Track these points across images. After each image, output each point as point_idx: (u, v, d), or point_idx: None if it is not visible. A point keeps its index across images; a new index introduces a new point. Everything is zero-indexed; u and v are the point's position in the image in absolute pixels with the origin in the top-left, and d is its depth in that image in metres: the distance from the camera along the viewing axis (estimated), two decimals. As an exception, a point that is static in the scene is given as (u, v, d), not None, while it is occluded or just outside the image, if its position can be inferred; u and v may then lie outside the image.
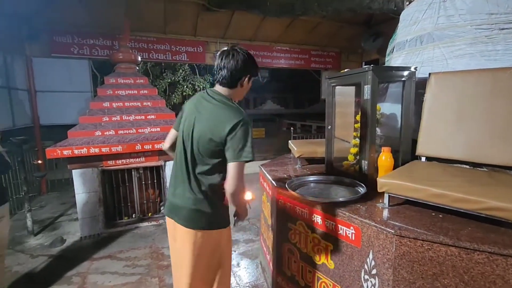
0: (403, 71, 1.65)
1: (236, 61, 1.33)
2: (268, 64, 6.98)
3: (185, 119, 1.42)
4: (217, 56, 1.38)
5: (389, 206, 1.37)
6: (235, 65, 1.33)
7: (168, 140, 1.55)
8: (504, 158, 1.39)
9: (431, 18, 1.71)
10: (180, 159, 1.40)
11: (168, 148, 1.57)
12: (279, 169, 2.28)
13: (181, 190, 1.39)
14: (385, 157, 1.60)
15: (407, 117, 1.71)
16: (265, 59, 6.89)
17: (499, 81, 1.44)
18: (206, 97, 1.40)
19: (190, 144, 1.36)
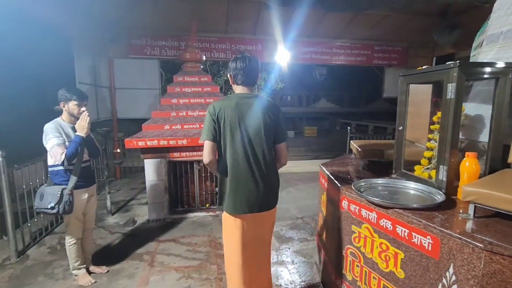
0: (497, 67, 1.45)
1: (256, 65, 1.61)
2: (327, 61, 6.79)
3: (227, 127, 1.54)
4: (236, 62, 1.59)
5: (474, 218, 1.24)
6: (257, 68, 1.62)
7: (211, 153, 1.57)
8: None
9: (536, 5, 1.47)
10: (243, 157, 1.55)
11: (213, 160, 1.59)
12: (341, 169, 2.21)
13: (260, 181, 1.58)
14: (469, 163, 1.44)
15: (498, 119, 1.51)
16: (323, 56, 6.72)
17: None
18: (240, 100, 1.57)
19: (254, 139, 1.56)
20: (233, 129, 1.53)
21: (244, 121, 1.54)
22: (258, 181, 1.57)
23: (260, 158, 1.57)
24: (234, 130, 1.53)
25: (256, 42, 6.38)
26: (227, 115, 1.53)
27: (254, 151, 1.56)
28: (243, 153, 1.54)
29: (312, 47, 6.58)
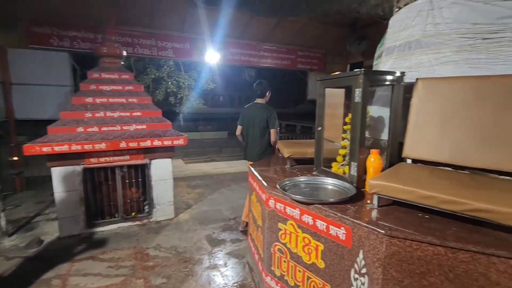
0: (392, 75, 1.70)
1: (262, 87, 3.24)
2: (255, 63, 6.97)
3: (247, 118, 3.24)
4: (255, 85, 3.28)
5: (378, 207, 1.41)
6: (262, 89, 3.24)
7: (239, 130, 3.36)
8: (485, 162, 1.46)
9: (419, 25, 1.77)
10: (252, 134, 3.21)
11: (239, 134, 3.39)
12: (268, 169, 2.29)
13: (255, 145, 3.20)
14: (374, 159, 1.64)
15: (395, 120, 1.76)
16: (252, 58, 6.88)
17: (482, 88, 1.51)
18: (252, 106, 3.26)
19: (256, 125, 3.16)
20: (247, 120, 3.23)
21: (251, 117, 3.19)
22: (253, 145, 3.21)
23: (257, 135, 3.18)
24: (247, 121, 3.23)
25: (184, 40, 6.15)
26: (246, 113, 3.26)
27: (254, 131, 3.19)
28: (251, 132, 3.22)
29: (241, 49, 6.67)
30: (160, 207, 3.68)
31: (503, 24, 1.54)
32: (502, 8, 1.53)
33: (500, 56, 1.56)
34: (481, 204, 1.08)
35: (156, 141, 3.41)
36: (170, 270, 2.58)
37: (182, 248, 2.99)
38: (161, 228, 3.47)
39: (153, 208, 3.64)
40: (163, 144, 3.44)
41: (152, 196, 3.62)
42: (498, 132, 1.44)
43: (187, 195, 4.82)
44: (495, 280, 1.02)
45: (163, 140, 3.44)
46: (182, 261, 2.73)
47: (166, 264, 2.68)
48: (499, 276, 1.01)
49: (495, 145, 1.44)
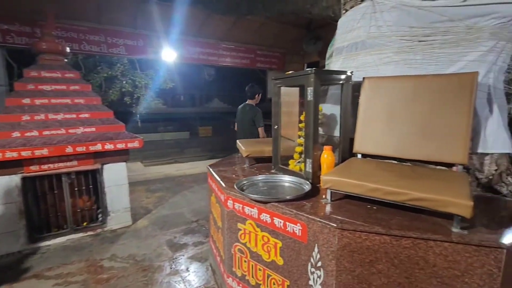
0: (341, 75, 1.78)
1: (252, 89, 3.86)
2: (214, 62, 6.87)
3: (238, 116, 3.91)
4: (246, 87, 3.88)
5: (331, 201, 1.47)
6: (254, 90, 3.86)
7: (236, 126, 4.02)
8: (423, 154, 1.59)
9: (364, 27, 1.88)
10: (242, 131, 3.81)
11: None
12: (227, 169, 2.26)
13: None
14: (327, 155, 1.70)
15: (345, 118, 1.85)
16: (211, 57, 6.77)
17: (419, 87, 1.65)
18: (244, 106, 3.89)
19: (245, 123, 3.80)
20: (239, 119, 3.91)
21: (241, 116, 3.87)
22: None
23: (246, 132, 3.77)
24: (239, 119, 3.91)
25: (137, 37, 5.83)
26: (238, 113, 3.94)
27: (244, 129, 3.82)
28: (240, 129, 3.87)
29: (199, 47, 6.53)
30: (116, 214, 3.45)
31: (434, 28, 1.70)
32: (433, 14, 1.67)
33: (433, 57, 1.72)
34: (420, 194, 1.17)
35: (107, 145, 3.19)
36: (127, 281, 2.43)
37: (140, 256, 2.84)
38: (117, 236, 3.26)
39: (107, 216, 3.41)
40: (115, 148, 3.23)
41: (105, 204, 3.39)
42: (433, 127, 1.58)
43: (146, 199, 4.60)
44: (432, 262, 1.12)
45: (115, 143, 3.23)
46: (140, 270, 2.60)
47: (123, 274, 2.52)
48: (435, 258, 1.11)
49: (431, 139, 1.58)
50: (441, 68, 1.71)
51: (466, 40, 1.66)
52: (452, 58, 1.69)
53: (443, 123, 1.56)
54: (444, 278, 1.11)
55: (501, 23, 1.59)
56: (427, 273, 1.13)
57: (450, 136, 1.53)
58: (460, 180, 1.31)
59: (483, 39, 1.63)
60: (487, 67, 1.65)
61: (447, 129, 1.54)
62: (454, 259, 1.09)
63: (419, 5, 1.68)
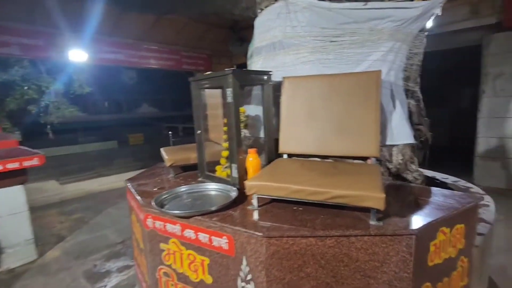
0: (261, 75, 1.73)
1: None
2: (135, 63, 6.34)
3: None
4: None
5: (258, 207, 1.40)
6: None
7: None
8: (342, 150, 1.66)
9: (280, 27, 1.88)
10: None
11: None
12: (149, 182, 2.02)
13: None
14: (252, 159, 1.64)
15: (268, 118, 1.81)
16: (131, 58, 6.22)
17: (333, 85, 1.71)
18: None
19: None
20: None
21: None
22: None
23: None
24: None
25: (35, 34, 4.97)
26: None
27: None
28: None
29: (116, 47, 5.92)
30: (13, 250, 2.83)
31: (343, 29, 1.78)
32: (341, 15, 1.76)
33: (344, 57, 1.81)
34: (339, 191, 1.18)
35: (-8, 166, 2.58)
36: (28, 332, 1.98)
37: (48, 297, 2.36)
38: (17, 277, 2.67)
39: (2, 253, 2.76)
40: (5, 168, 2.63)
41: (-3, 239, 2.74)
42: (348, 123, 1.66)
43: (59, 225, 3.94)
44: (355, 257, 1.13)
45: (5, 163, 2.63)
46: (48, 314, 2.16)
47: (23, 325, 2.05)
48: (357, 253, 1.13)
49: (347, 135, 1.65)
50: (351, 67, 1.81)
51: (369, 41, 1.79)
52: (359, 57, 1.81)
53: (356, 119, 1.64)
54: (366, 271, 1.13)
55: (396, 25, 1.76)
56: (351, 269, 1.14)
57: (363, 131, 1.62)
58: (373, 172, 1.38)
59: (383, 40, 1.78)
60: (388, 66, 1.81)
61: (359, 125, 1.63)
62: (373, 251, 1.12)
63: (328, 6, 1.75)
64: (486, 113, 4.49)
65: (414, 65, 1.94)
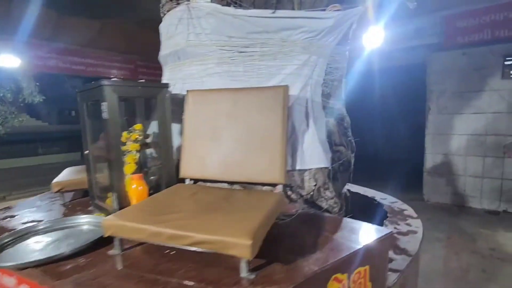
0: (152, 87, 1.49)
1: None
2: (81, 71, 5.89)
3: None
4: None
5: (122, 252, 1.12)
6: None
7: None
8: (247, 175, 1.43)
9: (183, 33, 1.66)
10: None
11: None
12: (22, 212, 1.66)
13: None
14: (136, 186, 1.36)
15: (164, 137, 1.56)
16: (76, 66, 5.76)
17: (238, 101, 1.50)
18: None
19: None
20: None
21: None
22: None
23: None
24: None
25: (-46, 36, 4.42)
26: None
27: None
28: None
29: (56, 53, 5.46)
30: None
31: (253, 39, 1.60)
32: (249, 24, 1.57)
33: (254, 69, 1.62)
34: (201, 235, 0.93)
35: None
36: None
37: None
38: None
39: None
40: None
41: None
42: (254, 145, 1.44)
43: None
44: (216, 322, 0.88)
45: None
46: None
47: None
48: (219, 317, 0.88)
49: (253, 158, 1.43)
50: (263, 81, 1.62)
51: (282, 53, 1.62)
52: (271, 70, 1.62)
53: (261, 140, 1.44)
54: None
55: (309, 37, 1.60)
56: (212, 339, 0.88)
57: (268, 155, 1.41)
58: (262, 207, 1.15)
59: (297, 53, 1.62)
60: (304, 81, 1.64)
61: (264, 147, 1.42)
62: (240, 313, 0.88)
63: (234, 13, 1.56)
64: (432, 130, 4.57)
65: (336, 81, 1.80)
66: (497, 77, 4.04)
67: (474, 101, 4.21)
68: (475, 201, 4.31)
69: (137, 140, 1.57)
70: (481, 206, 4.26)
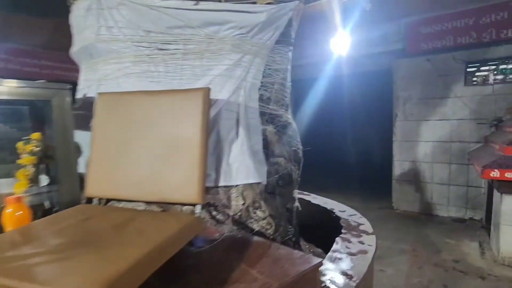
0: (45, 88, 1.23)
1: None
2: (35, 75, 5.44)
3: None
4: None
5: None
6: None
7: None
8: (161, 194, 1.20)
9: (92, 27, 1.42)
10: None
11: None
12: None
13: None
14: (12, 210, 1.10)
15: (65, 148, 1.30)
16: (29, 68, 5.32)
17: (154, 105, 1.27)
18: None
19: None
20: None
21: None
22: None
23: None
24: None
25: None
26: None
27: None
28: None
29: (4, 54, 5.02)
30: None
31: (175, 34, 1.39)
32: (169, 17, 1.36)
33: (176, 70, 1.40)
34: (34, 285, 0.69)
35: None
36: None
37: None
38: None
39: None
40: None
41: None
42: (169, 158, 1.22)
43: None
44: None
45: None
46: None
47: None
48: None
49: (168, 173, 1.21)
50: (188, 83, 1.40)
51: (209, 52, 1.41)
52: (196, 71, 1.41)
53: (176, 153, 1.21)
54: None
55: (240, 34, 1.41)
56: None
57: (184, 169, 1.19)
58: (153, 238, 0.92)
59: (226, 51, 1.41)
60: (236, 84, 1.43)
61: (180, 161, 1.20)
62: None
63: (151, 4, 1.34)
64: (399, 137, 4.52)
65: (276, 84, 1.61)
66: (460, 84, 4.04)
67: (439, 107, 4.19)
68: (442, 209, 4.26)
69: (33, 152, 1.31)
70: (448, 214, 4.21)
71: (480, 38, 3.81)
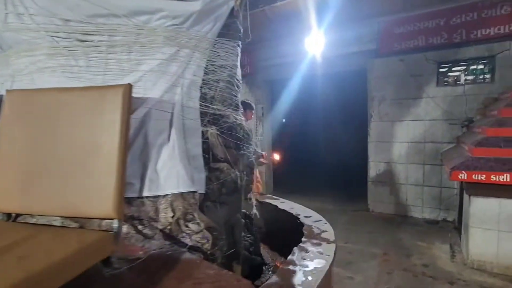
0: None
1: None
2: None
3: None
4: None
5: None
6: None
7: None
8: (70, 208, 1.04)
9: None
10: None
11: None
12: None
13: None
14: None
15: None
16: None
17: (64, 104, 1.10)
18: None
19: None
20: None
21: None
22: None
23: None
24: None
25: None
26: None
27: None
28: None
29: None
30: None
31: (98, 24, 1.22)
32: (90, 3, 1.19)
33: (100, 64, 1.23)
34: None
35: None
36: None
37: None
38: None
39: None
40: None
41: None
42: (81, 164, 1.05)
43: None
44: None
45: None
46: None
47: None
48: None
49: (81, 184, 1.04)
50: (113, 79, 1.24)
51: (138, 44, 1.25)
52: (123, 66, 1.24)
53: (89, 160, 1.05)
54: None
55: (174, 24, 1.25)
56: None
57: (96, 179, 1.02)
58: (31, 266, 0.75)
59: (159, 44, 1.26)
60: (171, 80, 1.28)
61: (93, 169, 1.03)
62: None
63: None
64: (374, 137, 4.46)
65: (222, 82, 1.46)
66: (432, 84, 4.02)
67: (412, 108, 4.16)
68: (417, 211, 4.23)
69: None
70: (422, 215, 4.18)
71: (451, 38, 3.80)
